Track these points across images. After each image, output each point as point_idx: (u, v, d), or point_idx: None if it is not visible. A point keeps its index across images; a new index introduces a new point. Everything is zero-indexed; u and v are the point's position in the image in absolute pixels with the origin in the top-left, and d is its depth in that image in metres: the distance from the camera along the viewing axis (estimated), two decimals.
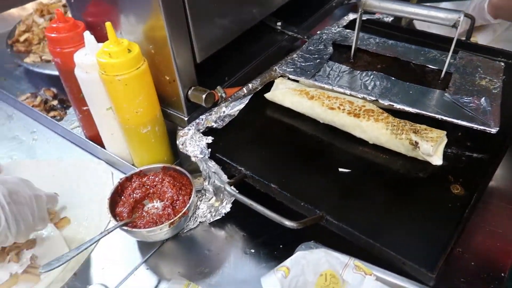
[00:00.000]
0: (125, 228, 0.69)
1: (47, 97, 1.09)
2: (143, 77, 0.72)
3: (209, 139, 0.71)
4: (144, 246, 0.75)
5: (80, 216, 0.81)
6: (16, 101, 1.06)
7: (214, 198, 0.77)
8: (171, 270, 0.71)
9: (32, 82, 1.17)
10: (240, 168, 0.68)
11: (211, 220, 0.76)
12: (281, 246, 0.72)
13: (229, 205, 0.74)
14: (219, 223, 0.77)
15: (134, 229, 0.69)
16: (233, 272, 0.70)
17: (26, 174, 0.89)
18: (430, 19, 0.75)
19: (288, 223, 0.56)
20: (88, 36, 0.74)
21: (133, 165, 0.85)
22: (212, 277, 0.69)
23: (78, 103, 0.86)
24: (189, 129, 0.74)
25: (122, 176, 0.87)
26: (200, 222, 0.77)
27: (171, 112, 0.81)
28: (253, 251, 0.72)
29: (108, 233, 0.68)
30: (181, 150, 0.73)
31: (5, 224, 0.62)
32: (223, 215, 0.75)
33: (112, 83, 0.70)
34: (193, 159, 0.72)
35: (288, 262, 0.54)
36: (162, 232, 0.70)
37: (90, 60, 0.74)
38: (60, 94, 1.10)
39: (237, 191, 0.63)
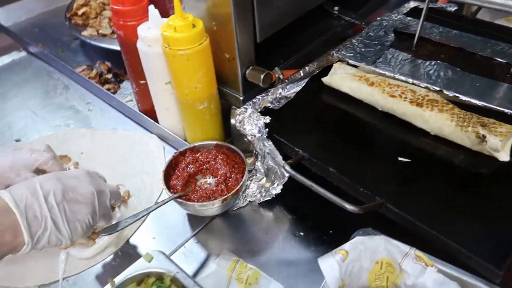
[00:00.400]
0: (179, 200, 0.70)
1: (102, 70, 1.12)
2: (205, 53, 0.73)
3: (267, 119, 0.71)
4: (194, 221, 0.77)
5: (132, 187, 0.83)
6: (73, 72, 1.09)
7: (264, 179, 0.77)
8: (219, 245, 0.72)
9: (87, 55, 1.20)
10: (297, 150, 0.67)
11: (261, 200, 0.76)
12: (330, 231, 0.72)
13: (280, 187, 0.74)
14: (268, 204, 0.77)
15: (188, 202, 0.70)
16: (281, 253, 0.70)
17: (82, 141, 0.93)
18: (505, 8, 0.71)
19: (349, 207, 0.55)
20: (152, 10, 0.75)
21: (185, 140, 0.86)
22: (260, 256, 0.70)
23: (136, 77, 0.88)
24: (247, 108, 0.74)
25: (173, 151, 0.89)
26: (249, 201, 0.78)
27: (226, 90, 0.81)
28: (302, 234, 0.72)
29: (164, 203, 0.69)
30: (237, 128, 0.73)
31: (53, 228, 0.56)
32: (273, 196, 0.75)
33: (175, 57, 0.71)
34: (249, 138, 0.72)
35: (347, 245, 0.53)
36: (214, 207, 0.71)
37: (153, 34, 0.75)
38: (114, 68, 1.13)
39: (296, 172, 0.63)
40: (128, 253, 0.72)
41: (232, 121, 0.80)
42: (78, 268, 0.71)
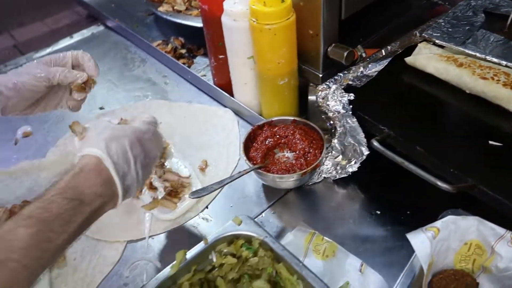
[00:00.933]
0: (260, 171, 0.73)
1: (176, 45, 1.16)
2: (291, 29, 0.74)
3: (351, 96, 0.71)
4: (269, 193, 0.79)
5: (209, 157, 0.86)
6: (150, 46, 1.14)
7: (341, 156, 0.78)
8: (295, 218, 0.74)
9: (161, 30, 1.25)
10: (382, 127, 0.67)
11: (336, 177, 0.77)
12: (408, 212, 0.72)
13: (357, 165, 0.74)
14: (343, 181, 0.78)
15: (268, 173, 0.72)
16: (357, 229, 0.71)
17: (161, 112, 0.98)
18: None
19: (442, 185, 0.55)
20: None
21: (260, 115, 0.88)
22: (336, 230, 0.71)
23: (215, 52, 0.91)
24: (329, 85, 0.74)
25: (247, 125, 0.92)
26: (324, 177, 0.79)
27: (305, 67, 0.82)
28: (378, 212, 0.73)
29: (246, 172, 0.72)
30: (319, 104, 0.74)
31: (134, 190, 0.59)
32: (349, 174, 0.76)
33: (262, 31, 0.72)
34: (330, 114, 0.73)
35: (438, 223, 0.53)
36: (291, 180, 0.73)
37: (239, 8, 0.77)
38: (188, 44, 1.16)
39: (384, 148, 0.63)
40: (206, 219, 0.76)
41: (312, 97, 0.81)
42: (161, 228, 0.75)
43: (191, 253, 0.57)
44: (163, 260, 0.71)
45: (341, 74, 0.77)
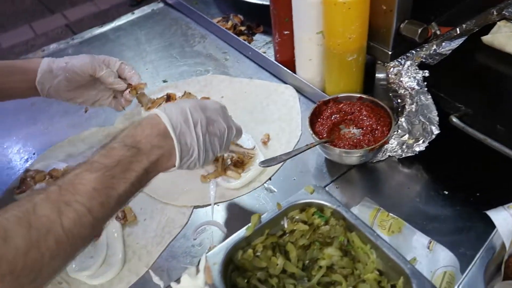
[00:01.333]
0: (326, 145, 0.73)
1: (236, 22, 1.17)
2: (365, 3, 0.73)
3: (426, 73, 0.70)
4: (332, 168, 0.80)
5: (271, 131, 0.88)
6: (211, 23, 1.16)
7: (407, 135, 0.77)
8: (359, 194, 0.75)
9: (220, 8, 1.26)
10: (459, 105, 0.66)
11: (402, 156, 0.76)
12: (477, 194, 0.70)
13: (425, 144, 0.73)
14: (408, 160, 0.77)
15: (334, 148, 0.73)
16: (424, 208, 0.70)
17: (222, 86, 1.00)
18: None
19: None
20: None
21: (323, 92, 0.88)
22: (401, 208, 0.70)
23: (281, 27, 0.91)
24: (402, 61, 0.73)
25: (308, 101, 0.93)
26: (388, 156, 0.78)
27: (373, 44, 0.81)
28: (446, 192, 0.72)
29: (313, 146, 0.73)
30: (391, 81, 0.73)
31: (196, 156, 0.61)
32: (416, 153, 0.75)
33: (336, 5, 0.72)
34: (401, 91, 0.72)
35: None
36: (357, 156, 0.73)
37: None
38: (246, 21, 1.17)
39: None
40: (270, 189, 0.78)
41: (380, 75, 0.81)
42: (226, 196, 0.78)
43: (264, 218, 0.59)
44: (228, 226, 0.73)
45: (413, 51, 0.75)
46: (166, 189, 0.80)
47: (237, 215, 0.75)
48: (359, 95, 0.80)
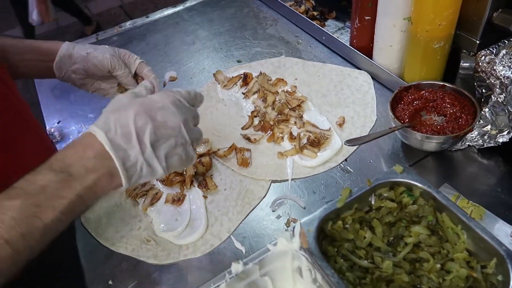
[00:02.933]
0: (408, 129, 0.75)
1: (308, 7, 1.18)
2: None
3: None
4: (408, 154, 0.81)
5: (346, 114, 0.90)
6: (284, 6, 1.18)
7: (489, 126, 0.77)
8: (436, 180, 0.75)
9: None
10: None
11: (484, 146, 0.76)
12: None
13: (510, 136, 0.73)
14: (488, 151, 0.77)
15: (417, 132, 0.74)
16: (507, 198, 0.70)
17: (295, 69, 1.03)
18: None
19: None
20: None
21: (401, 79, 0.89)
22: (482, 197, 0.71)
23: (362, 13, 0.92)
24: (492, 51, 0.72)
25: (382, 88, 0.94)
26: (468, 145, 0.79)
27: (459, 33, 0.81)
28: None
29: (397, 129, 0.74)
30: (479, 70, 0.73)
31: (147, 169, 0.54)
32: (499, 144, 0.75)
33: None
34: (491, 80, 0.72)
35: None
36: (438, 142, 0.73)
37: None
38: (318, 7, 1.19)
39: None
40: (347, 170, 0.80)
41: (466, 64, 0.80)
42: (302, 173, 0.81)
43: (354, 192, 0.61)
44: (304, 202, 0.76)
45: (505, 41, 0.75)
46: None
47: (313, 191, 0.78)
48: (441, 83, 0.80)
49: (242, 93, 0.97)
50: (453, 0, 0.73)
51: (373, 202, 0.62)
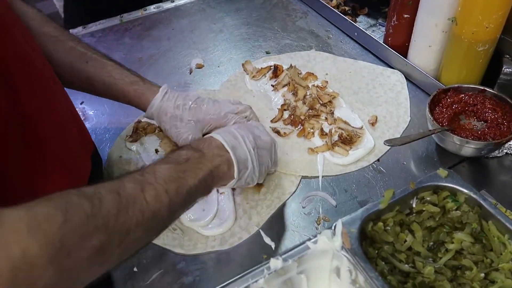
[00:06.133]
0: (446, 133, 0.73)
1: (339, 1, 1.16)
2: None
3: None
4: (443, 158, 0.79)
5: (378, 114, 0.87)
6: None
7: None
8: (474, 186, 0.74)
9: None
10: None
11: None
12: None
13: None
14: None
15: (458, 136, 0.72)
16: None
17: (326, 64, 1.00)
18: None
19: None
20: None
21: (437, 80, 0.87)
22: None
23: (401, 10, 0.90)
24: None
25: (415, 88, 0.92)
26: (506, 153, 0.77)
27: (503, 37, 0.79)
28: None
29: (436, 132, 0.72)
30: None
31: (252, 168, 0.66)
32: None
33: None
34: None
35: None
36: (477, 147, 0.72)
37: None
38: (350, 2, 1.16)
39: None
40: (379, 170, 0.78)
41: (508, 69, 0.78)
42: (333, 171, 0.79)
43: (396, 194, 0.60)
44: (335, 200, 0.74)
45: None
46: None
47: (344, 190, 0.76)
48: (482, 87, 0.78)
49: (271, 85, 0.95)
50: (504, 2, 0.71)
51: (414, 205, 0.61)
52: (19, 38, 0.59)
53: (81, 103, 0.97)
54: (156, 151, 0.85)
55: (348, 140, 0.82)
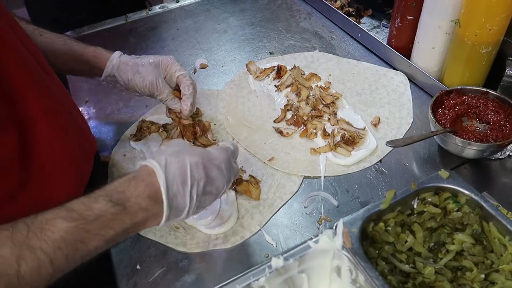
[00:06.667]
0: (448, 134, 0.73)
1: (343, 3, 1.16)
2: None
3: None
4: (444, 159, 0.79)
5: (380, 115, 0.88)
6: (319, 0, 1.15)
7: None
8: (476, 187, 0.74)
9: None
10: None
11: None
12: None
13: None
14: None
15: (460, 138, 0.72)
16: None
17: (329, 65, 1.01)
18: None
19: None
20: None
21: (440, 82, 0.87)
22: None
23: (405, 12, 0.90)
24: None
25: (418, 90, 0.92)
26: (508, 155, 0.77)
27: (507, 39, 0.79)
28: None
29: (438, 134, 0.73)
30: None
31: (184, 215, 0.55)
32: None
33: None
34: None
35: None
36: (480, 149, 0.72)
37: None
38: (354, 3, 1.16)
39: None
40: (381, 171, 0.79)
41: (511, 71, 0.78)
42: (336, 171, 0.79)
43: (398, 195, 0.60)
44: (337, 200, 0.75)
45: None
46: (277, 156, 0.82)
47: (346, 190, 0.76)
48: (485, 90, 0.78)
49: (275, 85, 0.96)
50: (507, 5, 0.71)
51: (415, 206, 0.61)
52: (16, 41, 0.58)
53: (85, 102, 0.98)
54: None
55: (350, 141, 0.82)
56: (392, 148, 0.81)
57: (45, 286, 0.46)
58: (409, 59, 0.93)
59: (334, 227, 0.57)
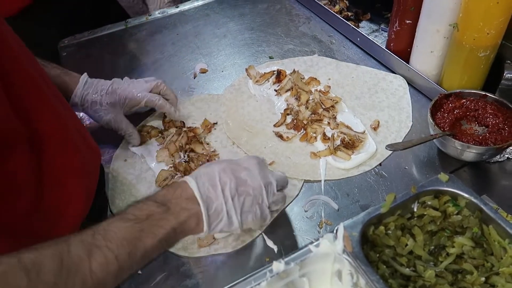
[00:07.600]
0: (448, 137, 0.73)
1: (342, 7, 1.17)
2: None
3: None
4: (444, 163, 0.79)
5: (380, 118, 0.88)
6: (317, 5, 1.16)
7: None
8: (473, 191, 0.74)
9: None
10: None
11: None
12: None
13: None
14: None
15: (459, 141, 0.72)
16: None
17: (328, 69, 1.01)
18: None
19: None
20: None
21: (439, 85, 0.88)
22: None
23: (403, 16, 0.90)
24: None
25: (418, 93, 0.93)
26: (507, 158, 0.77)
27: (505, 43, 0.79)
28: None
29: (438, 137, 0.73)
30: None
31: (226, 220, 0.59)
32: None
33: None
34: None
35: None
36: (479, 152, 0.72)
37: None
38: (352, 7, 1.17)
39: None
40: (381, 175, 0.79)
41: (509, 75, 0.79)
42: (336, 175, 0.80)
43: (398, 199, 0.60)
44: (337, 204, 0.75)
45: None
46: (277, 160, 0.83)
47: (346, 194, 0.77)
48: (483, 93, 0.79)
49: (275, 90, 0.96)
50: (505, 9, 0.72)
51: (415, 209, 0.61)
52: (21, 56, 0.60)
53: None
54: None
55: (350, 144, 0.82)
56: (391, 151, 0.81)
57: (113, 285, 0.50)
58: (408, 63, 0.94)
59: (334, 231, 0.57)
